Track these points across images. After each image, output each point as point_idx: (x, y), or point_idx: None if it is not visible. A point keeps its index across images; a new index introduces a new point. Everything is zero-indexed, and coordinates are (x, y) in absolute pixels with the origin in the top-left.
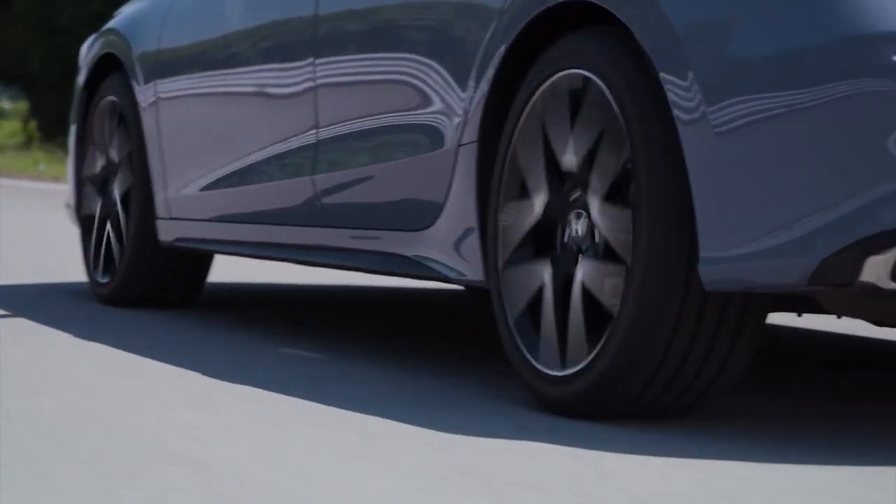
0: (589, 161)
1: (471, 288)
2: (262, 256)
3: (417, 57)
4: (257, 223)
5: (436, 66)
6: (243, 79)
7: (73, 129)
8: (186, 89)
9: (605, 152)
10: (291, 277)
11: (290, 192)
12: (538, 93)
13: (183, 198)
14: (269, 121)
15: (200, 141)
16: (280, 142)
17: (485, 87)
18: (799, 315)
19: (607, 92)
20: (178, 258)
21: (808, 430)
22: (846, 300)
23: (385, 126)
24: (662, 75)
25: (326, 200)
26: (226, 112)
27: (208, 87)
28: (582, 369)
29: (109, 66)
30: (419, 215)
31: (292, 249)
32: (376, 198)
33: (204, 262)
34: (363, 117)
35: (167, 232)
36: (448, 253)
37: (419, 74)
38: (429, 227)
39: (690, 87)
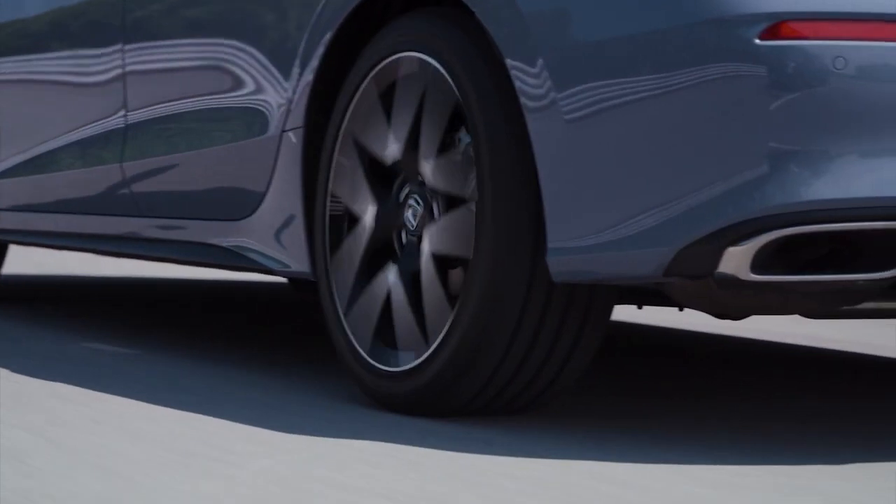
0: (413, 142)
1: (295, 279)
2: (69, 247)
3: (237, 43)
4: (63, 212)
5: (256, 52)
6: (47, 64)
7: None
8: None
9: (428, 120)
10: (99, 269)
11: (97, 179)
12: (369, 78)
13: None
14: (74, 107)
15: (6, 127)
16: (85, 128)
17: (309, 74)
18: (639, 307)
19: (447, 76)
20: None
21: (645, 428)
22: (701, 292)
23: (200, 112)
24: (509, 61)
25: (137, 188)
26: (29, 98)
27: (8, 72)
28: (420, 364)
29: None
30: (238, 204)
31: (102, 240)
32: (190, 185)
33: None
34: (176, 102)
35: None
36: (269, 243)
37: (238, 61)
38: (248, 216)
39: (539, 73)
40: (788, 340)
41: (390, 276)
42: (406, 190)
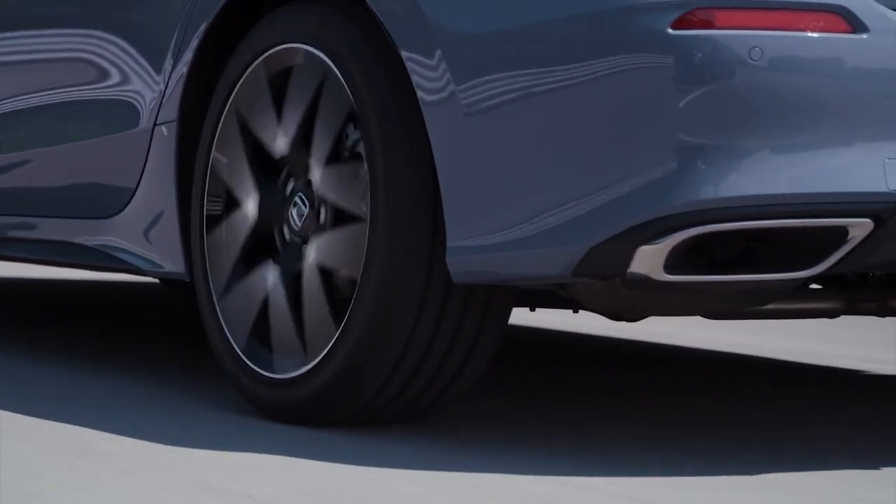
0: (303, 138)
1: (167, 279)
2: None
3: (102, 34)
4: None
5: (124, 43)
6: None
7: None
8: None
9: (322, 119)
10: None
11: None
12: (248, 72)
13: None
14: None
15: None
16: None
17: (183, 66)
18: (532, 310)
19: (336, 70)
20: None
21: (541, 435)
22: (607, 293)
23: (62, 105)
24: (404, 53)
25: None
26: None
27: None
28: (310, 371)
29: None
30: (104, 201)
31: None
32: (52, 181)
33: None
34: (33, 95)
35: None
36: (140, 242)
37: (104, 52)
38: (116, 214)
39: (437, 65)
40: (669, 342)
41: (270, 276)
42: (292, 186)
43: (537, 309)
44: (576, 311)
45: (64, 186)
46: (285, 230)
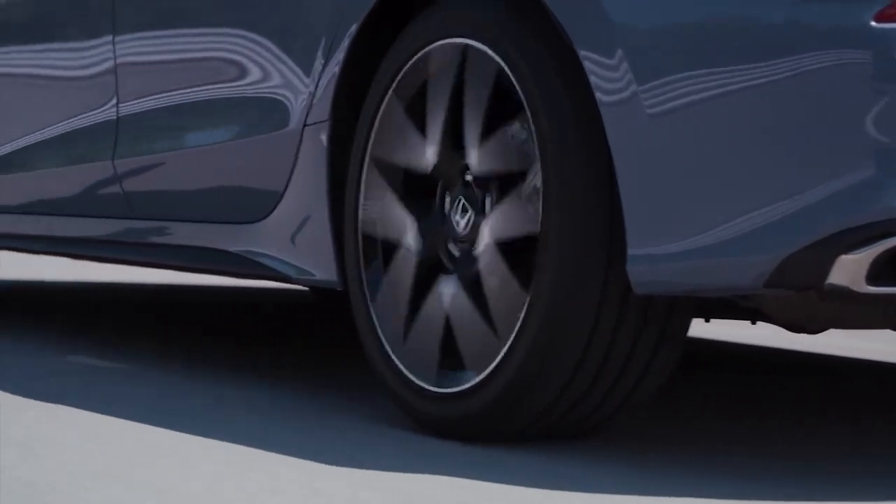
0: (451, 139)
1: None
2: (52, 252)
3: (247, 33)
4: (44, 214)
5: (269, 42)
6: (29, 56)
7: None
8: None
9: (469, 110)
10: (70, 273)
11: (84, 178)
12: (405, 69)
13: None
14: (55, 102)
15: None
16: (70, 122)
17: (335, 66)
18: (707, 321)
19: (507, 69)
20: None
21: (725, 455)
22: (800, 305)
23: (206, 104)
24: (582, 52)
25: (130, 187)
26: (7, 92)
27: None
28: (478, 384)
29: None
30: (248, 205)
31: (89, 244)
32: (193, 184)
33: None
34: (171, 96)
35: None
36: (287, 249)
37: (249, 52)
38: (262, 218)
39: (618, 65)
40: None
41: (446, 288)
42: (449, 196)
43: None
44: (754, 323)
45: (205, 189)
46: (451, 246)
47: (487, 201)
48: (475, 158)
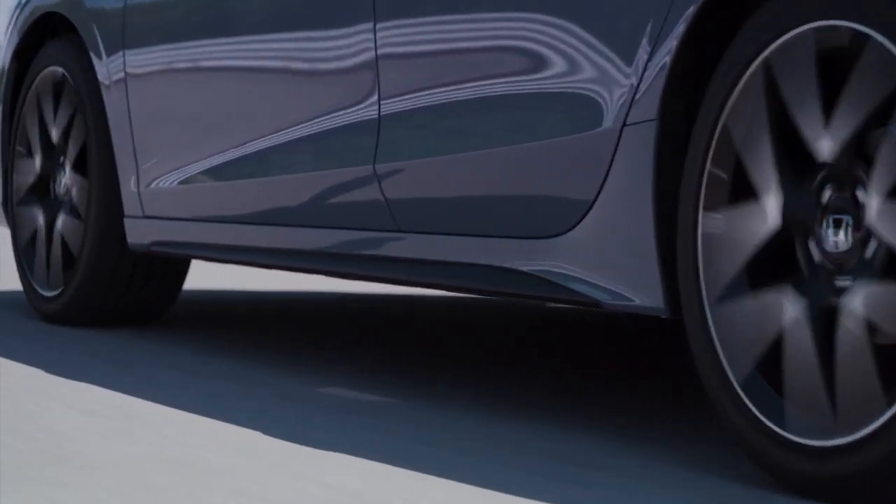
0: (857, 144)
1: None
2: (288, 267)
3: (544, 16)
4: (279, 224)
5: (574, 27)
6: (257, 48)
7: None
8: (170, 62)
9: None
10: (288, 284)
11: (331, 185)
12: (766, 52)
13: (161, 192)
14: (297, 99)
15: (190, 124)
16: (314, 123)
17: (665, 56)
18: None
19: None
20: (148, 264)
21: None
22: None
23: (492, 101)
24: None
25: (394, 196)
26: (230, 89)
27: (203, 59)
28: (849, 445)
29: (49, 28)
30: (545, 217)
31: (340, 259)
32: (468, 192)
33: (179, 268)
34: (447, 91)
35: (140, 234)
36: (596, 268)
37: (546, 39)
38: (563, 233)
39: None
40: None
41: (788, 306)
42: (829, 195)
43: None
44: None
45: (489, 199)
46: (812, 247)
47: (872, 247)
48: (876, 204)
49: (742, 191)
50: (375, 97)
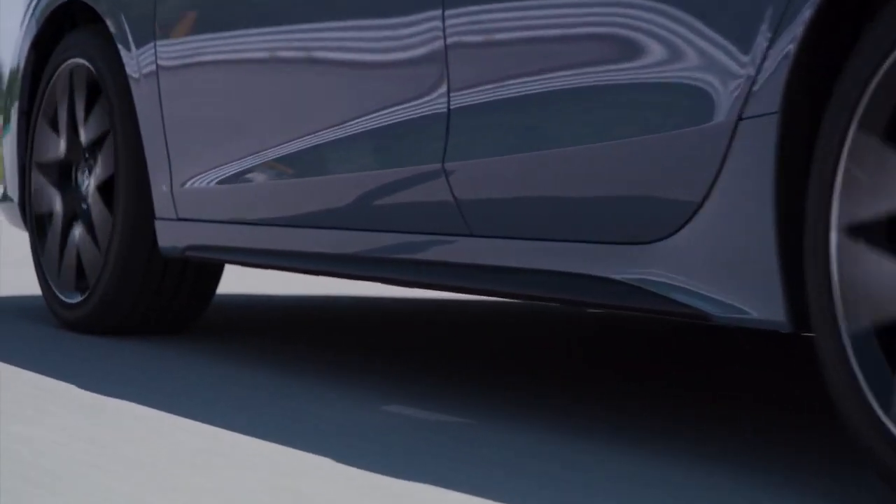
0: None
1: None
2: (342, 274)
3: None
4: (335, 228)
5: (678, 11)
6: (309, 36)
7: (15, 104)
8: (209, 53)
9: None
10: (326, 288)
11: (394, 185)
12: None
13: (198, 193)
14: (355, 93)
15: (231, 120)
16: (374, 117)
17: (788, 44)
18: None
19: None
20: (180, 269)
21: None
22: None
23: (579, 94)
24: None
25: (466, 196)
26: (277, 82)
27: (247, 48)
28: None
29: (71, 18)
30: (645, 221)
31: (401, 265)
32: (559, 192)
33: (213, 272)
34: (531, 80)
35: (173, 237)
36: (703, 277)
37: (643, 24)
38: (665, 237)
39: None
40: None
41: None
42: None
43: None
44: None
45: (574, 200)
46: None
47: None
48: None
49: None
50: (444, 90)
